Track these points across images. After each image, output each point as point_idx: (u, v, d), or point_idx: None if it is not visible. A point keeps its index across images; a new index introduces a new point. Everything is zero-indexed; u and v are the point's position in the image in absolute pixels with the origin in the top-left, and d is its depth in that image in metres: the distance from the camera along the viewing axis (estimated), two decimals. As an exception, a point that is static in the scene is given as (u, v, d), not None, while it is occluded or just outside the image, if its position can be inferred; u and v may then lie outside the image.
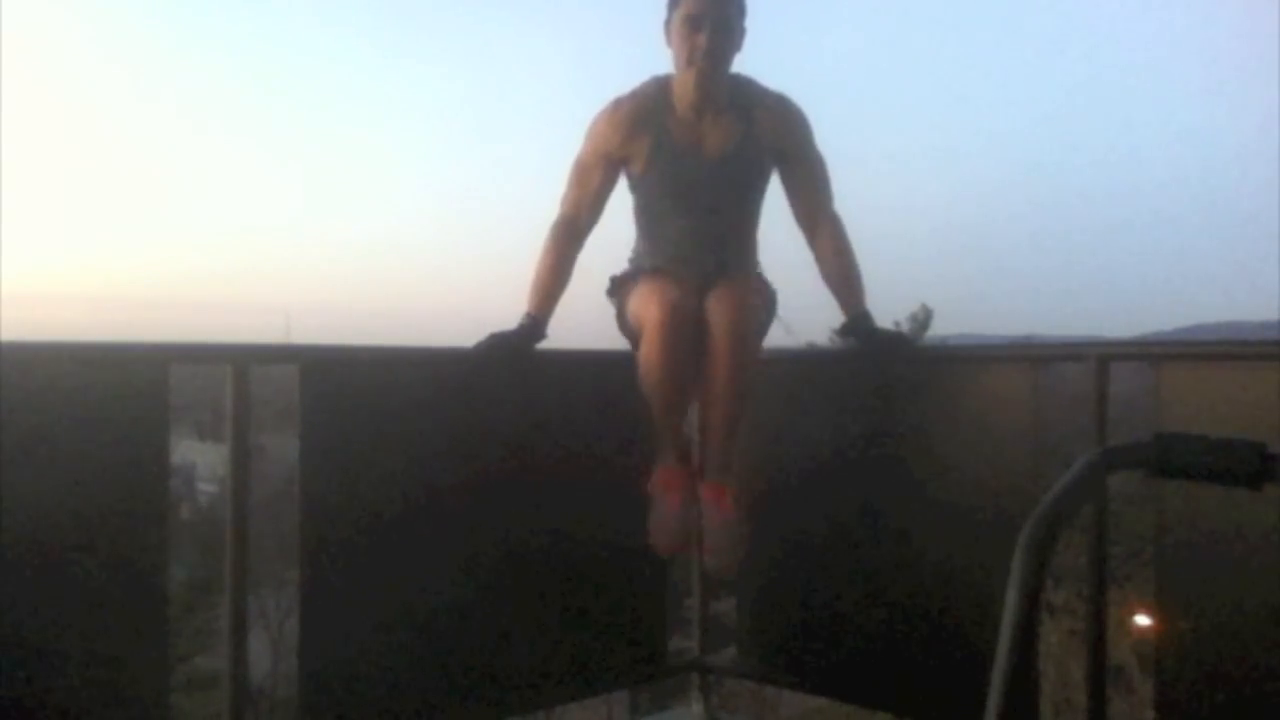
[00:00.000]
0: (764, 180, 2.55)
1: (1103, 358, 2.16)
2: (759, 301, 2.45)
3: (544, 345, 2.51)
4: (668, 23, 2.44)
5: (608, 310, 2.63)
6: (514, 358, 2.45)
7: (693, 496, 2.43)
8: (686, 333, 2.30)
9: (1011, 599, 0.80)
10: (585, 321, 2.93)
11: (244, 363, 2.05)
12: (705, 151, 2.47)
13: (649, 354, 2.33)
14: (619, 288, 2.58)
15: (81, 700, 1.84)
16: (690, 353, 2.33)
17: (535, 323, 2.49)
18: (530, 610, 2.45)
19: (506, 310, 2.53)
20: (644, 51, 2.55)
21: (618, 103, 2.51)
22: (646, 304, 2.35)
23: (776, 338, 2.62)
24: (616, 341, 2.60)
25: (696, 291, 2.39)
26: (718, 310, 2.31)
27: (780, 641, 2.77)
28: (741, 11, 2.45)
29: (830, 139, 2.55)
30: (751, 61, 2.51)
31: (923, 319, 20.94)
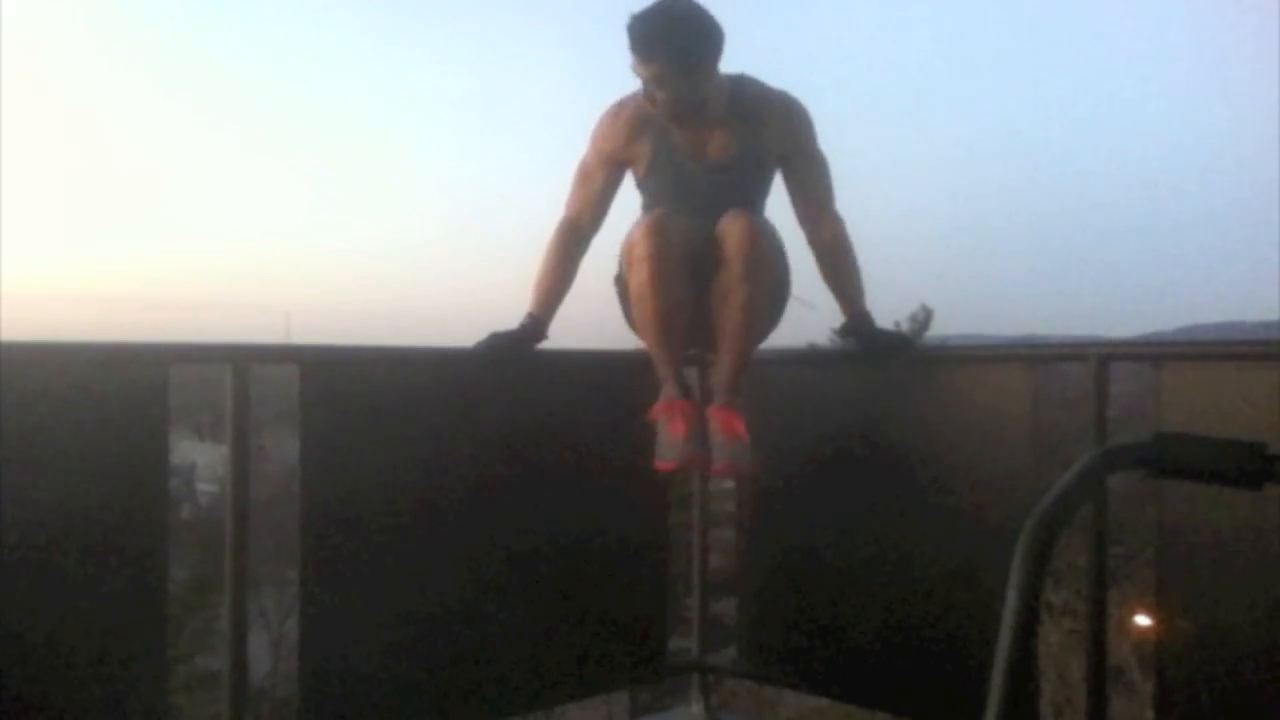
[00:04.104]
0: (767, 183, 2.54)
1: (1103, 358, 2.16)
2: (774, 244, 2.44)
3: (544, 345, 2.51)
4: (633, 65, 2.35)
5: (608, 310, 2.63)
6: (515, 358, 2.45)
7: (697, 421, 2.36)
8: (676, 263, 2.30)
9: (1011, 599, 0.80)
10: (586, 322, 2.94)
11: (244, 363, 2.05)
12: (707, 157, 2.45)
13: (639, 286, 2.33)
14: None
15: (81, 700, 1.84)
16: (684, 283, 2.33)
17: (536, 323, 2.49)
18: (530, 610, 2.45)
19: (508, 311, 2.54)
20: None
21: (620, 105, 2.49)
22: (636, 238, 2.34)
23: (787, 333, 2.65)
24: (616, 342, 2.61)
25: (699, 230, 2.37)
26: (730, 232, 2.32)
27: (780, 641, 2.77)
28: (700, 51, 2.32)
29: (832, 138, 2.55)
30: (754, 62, 2.50)
31: (923, 319, 20.96)
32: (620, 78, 2.41)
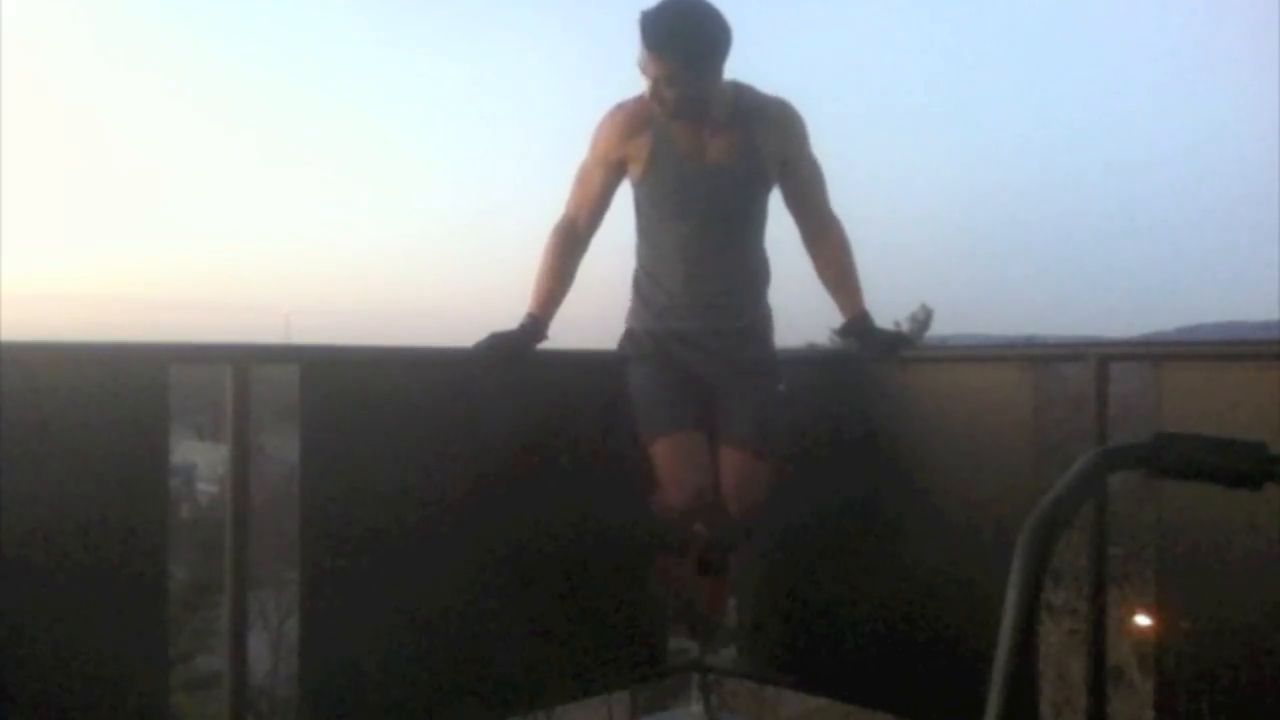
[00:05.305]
0: (766, 189, 2.52)
1: (1103, 358, 2.16)
2: (773, 443, 2.53)
3: (544, 345, 2.51)
4: (641, 61, 2.36)
5: (608, 310, 2.64)
6: (514, 358, 2.45)
7: (686, 584, 2.74)
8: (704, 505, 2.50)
9: (1011, 599, 0.80)
10: (586, 322, 2.94)
11: (244, 363, 2.05)
12: (706, 161, 2.44)
13: (665, 509, 2.50)
14: (629, 345, 2.59)
15: (82, 700, 1.84)
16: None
17: (536, 323, 2.49)
18: (530, 610, 2.45)
19: (508, 311, 2.54)
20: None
21: (620, 106, 2.49)
22: (667, 483, 2.47)
23: (787, 332, 2.72)
24: (616, 341, 2.61)
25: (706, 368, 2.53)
26: (730, 479, 2.49)
27: (780, 641, 2.77)
28: (711, 50, 2.35)
29: (833, 140, 2.56)
30: (756, 61, 2.50)
31: (923, 319, 20.99)
32: (626, 77, 2.41)
